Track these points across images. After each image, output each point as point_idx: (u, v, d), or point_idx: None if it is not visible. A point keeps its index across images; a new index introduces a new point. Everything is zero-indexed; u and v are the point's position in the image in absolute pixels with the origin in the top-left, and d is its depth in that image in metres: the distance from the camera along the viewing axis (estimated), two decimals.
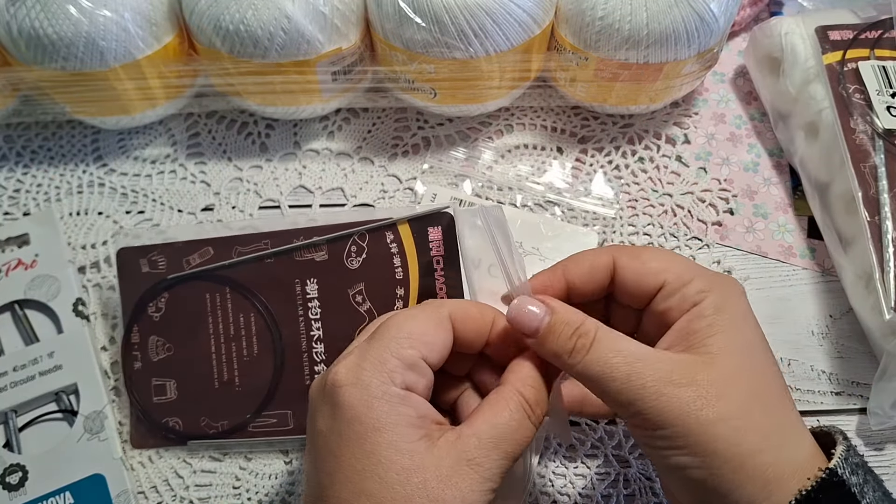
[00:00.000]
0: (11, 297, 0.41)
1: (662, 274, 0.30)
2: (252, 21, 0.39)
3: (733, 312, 0.29)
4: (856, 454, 0.27)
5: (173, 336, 0.39)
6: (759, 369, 0.28)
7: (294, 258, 0.38)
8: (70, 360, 0.39)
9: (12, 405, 0.38)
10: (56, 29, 0.39)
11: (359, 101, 0.48)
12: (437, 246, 0.38)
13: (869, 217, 0.39)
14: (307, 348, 0.38)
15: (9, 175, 0.47)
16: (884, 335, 0.38)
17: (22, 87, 0.43)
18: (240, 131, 0.49)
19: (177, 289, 0.39)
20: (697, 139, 0.48)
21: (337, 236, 0.38)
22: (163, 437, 0.38)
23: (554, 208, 0.45)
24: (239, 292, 0.39)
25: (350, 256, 0.38)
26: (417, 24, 0.39)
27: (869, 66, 0.43)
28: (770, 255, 0.44)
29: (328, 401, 0.27)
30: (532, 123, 0.49)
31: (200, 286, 0.39)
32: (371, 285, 0.38)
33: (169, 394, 0.38)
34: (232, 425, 0.38)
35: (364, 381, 0.27)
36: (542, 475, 0.37)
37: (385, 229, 0.38)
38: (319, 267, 0.38)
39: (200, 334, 0.39)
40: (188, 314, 0.39)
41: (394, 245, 0.38)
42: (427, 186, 0.46)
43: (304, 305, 0.38)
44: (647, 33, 0.40)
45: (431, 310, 0.29)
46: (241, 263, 0.39)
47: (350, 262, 0.38)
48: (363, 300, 0.38)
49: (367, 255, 0.38)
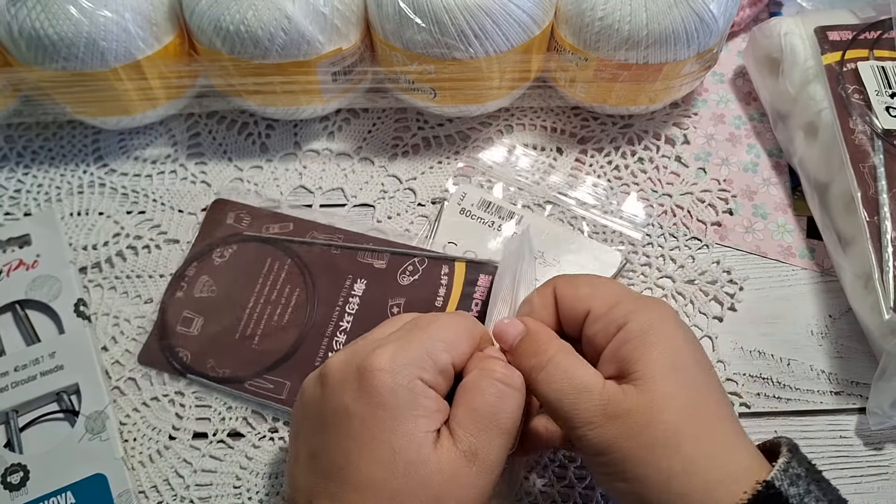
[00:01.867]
0: (13, 297, 0.41)
1: (588, 299, 0.31)
2: (252, 21, 0.39)
3: (658, 333, 0.29)
4: (799, 465, 0.27)
5: (223, 282, 0.42)
6: (689, 389, 0.28)
7: (357, 257, 0.42)
8: (71, 361, 0.39)
9: (13, 405, 0.38)
10: (57, 29, 0.39)
11: (359, 102, 0.48)
12: (482, 292, 0.41)
13: (868, 217, 0.39)
14: (331, 334, 0.40)
15: (9, 175, 0.47)
16: (883, 335, 0.38)
17: (23, 88, 0.43)
18: (240, 132, 0.49)
19: (247, 245, 0.43)
20: (697, 139, 0.48)
21: (402, 252, 0.42)
22: (168, 362, 0.40)
23: (582, 223, 0.44)
24: (297, 267, 0.42)
25: (404, 273, 0.42)
26: (417, 25, 0.39)
27: (868, 66, 0.43)
28: (769, 256, 0.44)
29: (359, 381, 0.28)
30: (532, 124, 0.49)
31: (267, 251, 0.43)
32: (410, 303, 0.41)
33: (193, 328, 0.41)
34: (233, 375, 0.39)
35: (397, 370, 0.27)
36: (542, 475, 0.38)
37: (444, 261, 0.42)
38: (375, 272, 0.42)
39: (246, 289, 0.42)
40: (245, 269, 0.42)
41: (445, 277, 0.42)
42: (458, 186, 0.46)
43: (346, 299, 0.41)
44: (647, 34, 0.40)
45: (468, 323, 0.31)
46: (311, 245, 0.43)
47: (402, 277, 0.42)
48: (398, 312, 0.41)
49: (419, 278, 0.42)
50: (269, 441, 0.39)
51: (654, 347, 0.29)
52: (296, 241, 0.43)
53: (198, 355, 0.40)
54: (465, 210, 0.44)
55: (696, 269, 0.43)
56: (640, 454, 0.27)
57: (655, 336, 0.29)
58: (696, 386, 0.28)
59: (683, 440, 0.27)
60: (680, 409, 0.27)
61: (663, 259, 0.44)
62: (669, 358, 0.29)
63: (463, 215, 0.44)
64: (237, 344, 0.40)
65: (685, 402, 0.28)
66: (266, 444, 0.39)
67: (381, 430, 0.27)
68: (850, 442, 0.39)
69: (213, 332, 0.41)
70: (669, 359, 0.28)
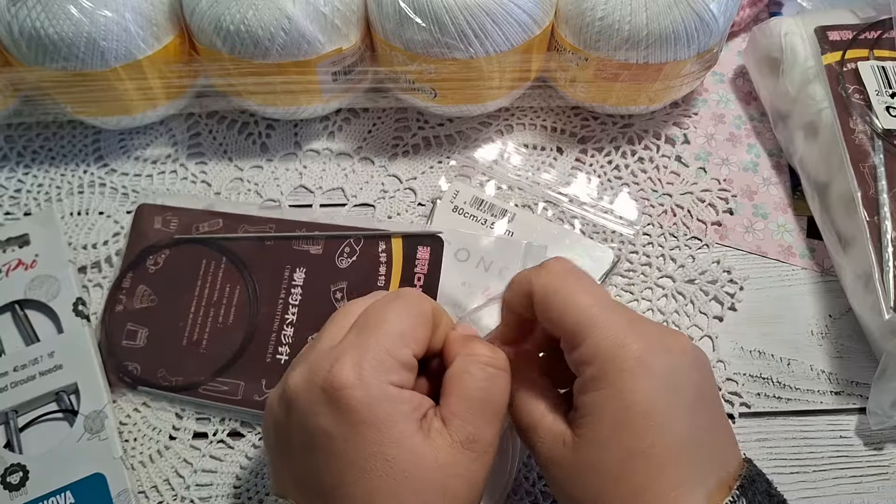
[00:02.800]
0: (12, 297, 0.41)
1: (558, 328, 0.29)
2: (253, 21, 0.39)
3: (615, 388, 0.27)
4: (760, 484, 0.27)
5: (161, 290, 0.41)
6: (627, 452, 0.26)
7: (292, 246, 0.42)
8: (70, 360, 0.39)
9: (13, 405, 0.38)
10: (57, 29, 0.39)
11: (359, 102, 0.48)
12: (423, 264, 0.41)
13: (868, 217, 0.39)
14: (278, 329, 0.40)
15: (10, 175, 0.47)
16: (883, 335, 0.38)
17: (23, 88, 0.43)
18: (240, 131, 0.49)
19: (179, 248, 0.42)
20: (697, 139, 0.48)
21: (336, 235, 0.42)
22: (119, 378, 0.40)
23: (574, 220, 0.44)
24: (233, 264, 0.42)
25: (342, 255, 0.41)
26: (418, 25, 0.39)
27: (868, 66, 0.43)
28: (770, 255, 0.44)
29: (330, 403, 0.27)
30: (532, 123, 0.49)
31: (201, 251, 0.42)
32: (353, 286, 0.41)
33: (138, 340, 0.40)
34: (186, 382, 0.39)
35: (366, 382, 0.27)
36: (542, 475, 0.37)
37: (379, 238, 0.41)
38: (312, 259, 0.41)
39: (186, 294, 0.41)
40: (181, 273, 0.42)
41: (383, 255, 0.41)
42: (451, 183, 0.46)
43: (288, 290, 0.41)
44: (647, 34, 0.40)
45: (418, 305, 0.30)
46: (243, 240, 0.42)
47: (340, 260, 0.41)
48: (342, 297, 0.40)
49: (357, 259, 0.41)
50: None
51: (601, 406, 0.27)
52: (227, 238, 0.42)
53: (148, 366, 0.39)
54: (457, 208, 0.44)
55: (697, 269, 0.43)
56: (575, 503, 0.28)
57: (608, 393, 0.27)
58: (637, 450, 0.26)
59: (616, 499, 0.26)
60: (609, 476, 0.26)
61: (663, 259, 0.44)
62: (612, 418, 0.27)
63: (456, 213, 0.44)
64: (185, 350, 0.40)
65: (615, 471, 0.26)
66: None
67: (368, 444, 0.26)
68: (850, 442, 0.39)
69: (160, 341, 0.40)
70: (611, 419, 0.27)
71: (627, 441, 0.26)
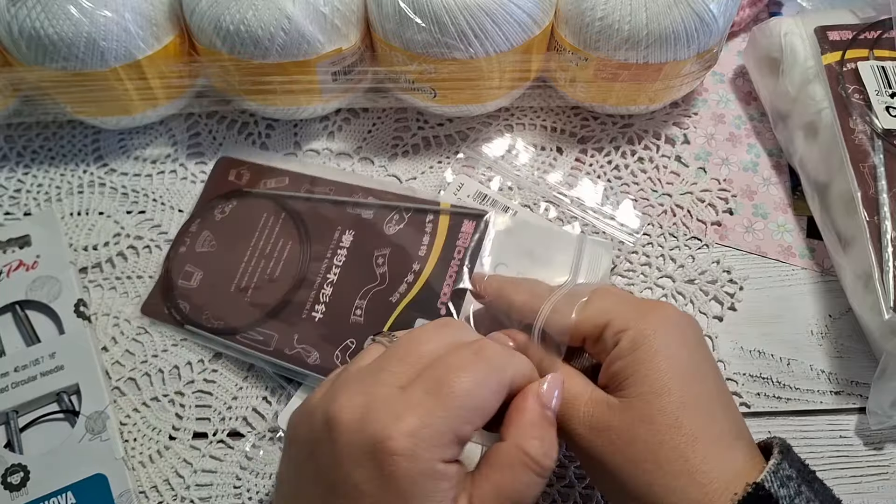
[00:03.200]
0: (12, 297, 0.41)
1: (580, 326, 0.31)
2: (252, 21, 0.39)
3: (650, 347, 0.29)
4: (791, 466, 0.27)
5: (222, 237, 0.43)
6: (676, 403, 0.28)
7: (346, 209, 0.43)
8: (72, 361, 0.39)
9: (14, 405, 0.38)
10: (57, 29, 0.39)
11: (359, 102, 0.48)
12: (466, 238, 0.41)
13: (868, 217, 0.39)
14: (318, 287, 0.41)
15: (9, 175, 0.47)
16: (883, 335, 0.38)
17: (23, 88, 0.43)
18: (240, 131, 0.49)
19: (246, 200, 0.45)
20: (697, 139, 0.48)
21: (388, 205, 0.43)
22: (168, 313, 0.41)
23: (574, 223, 0.44)
24: (292, 219, 0.43)
25: (390, 222, 0.42)
26: (417, 25, 0.39)
27: (868, 66, 0.43)
28: (769, 255, 0.44)
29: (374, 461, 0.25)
30: (532, 123, 0.49)
31: (264, 205, 0.44)
32: (394, 253, 0.41)
33: (192, 281, 0.42)
34: (226, 327, 0.40)
35: (418, 455, 0.25)
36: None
37: (429, 212, 0.42)
38: (362, 223, 0.43)
39: (242, 243, 0.43)
40: (243, 224, 0.44)
41: (430, 225, 0.42)
42: (456, 176, 0.46)
43: (335, 251, 0.42)
44: (647, 34, 0.40)
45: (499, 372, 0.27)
46: (303, 199, 0.44)
47: (388, 227, 0.42)
48: (382, 263, 0.41)
49: (404, 227, 0.42)
50: (269, 441, 0.39)
51: (642, 364, 0.28)
52: (290, 196, 0.44)
53: (196, 307, 0.41)
54: (460, 200, 0.44)
55: (696, 269, 0.43)
56: (627, 469, 0.27)
57: (646, 351, 0.29)
58: (686, 400, 0.28)
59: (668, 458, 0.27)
60: (664, 427, 0.27)
61: (663, 259, 0.44)
62: (658, 373, 0.28)
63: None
64: (232, 296, 0.41)
65: (670, 421, 0.27)
66: (266, 444, 0.39)
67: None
68: (850, 442, 0.39)
69: (211, 284, 0.42)
70: (658, 374, 0.28)
71: (677, 391, 0.28)
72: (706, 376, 0.29)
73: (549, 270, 0.39)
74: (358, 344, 0.39)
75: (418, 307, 0.39)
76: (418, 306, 0.39)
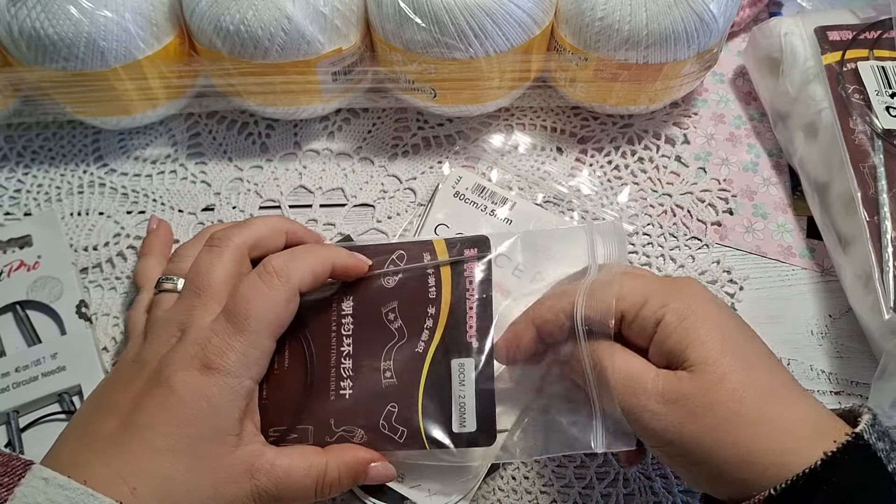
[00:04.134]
0: (13, 297, 0.41)
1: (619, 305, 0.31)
2: (252, 21, 0.39)
3: (697, 315, 0.30)
4: (882, 425, 0.28)
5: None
6: (741, 362, 0.29)
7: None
8: (73, 362, 0.39)
9: (15, 405, 0.38)
10: (57, 29, 0.39)
11: (359, 102, 0.48)
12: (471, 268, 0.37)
13: (868, 217, 0.39)
14: (335, 364, 0.36)
15: (10, 175, 0.47)
16: (883, 335, 0.38)
17: (23, 88, 0.43)
18: (240, 131, 0.49)
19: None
20: (697, 139, 0.48)
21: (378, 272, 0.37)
22: None
23: (573, 213, 0.45)
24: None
25: (387, 277, 0.37)
26: (417, 25, 0.39)
27: (868, 66, 0.43)
28: (769, 255, 0.44)
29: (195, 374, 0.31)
30: (532, 123, 0.49)
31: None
32: (404, 304, 0.37)
33: None
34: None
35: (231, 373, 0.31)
36: (542, 475, 0.38)
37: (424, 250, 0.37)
38: (358, 285, 0.37)
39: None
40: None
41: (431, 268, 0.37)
42: (454, 169, 0.46)
43: (338, 322, 0.37)
44: (647, 34, 0.40)
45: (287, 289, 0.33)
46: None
47: (387, 281, 0.37)
48: (394, 318, 0.36)
49: (403, 277, 0.37)
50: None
51: (696, 331, 0.29)
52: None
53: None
54: (459, 193, 0.44)
55: (697, 269, 0.43)
56: (709, 436, 0.28)
57: (695, 320, 0.29)
58: (746, 358, 0.29)
59: (749, 414, 0.27)
60: (738, 384, 0.28)
61: (663, 259, 0.44)
62: (714, 336, 0.29)
63: (457, 199, 0.44)
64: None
65: (742, 378, 0.28)
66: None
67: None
68: None
69: None
70: (715, 337, 0.29)
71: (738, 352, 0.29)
72: (753, 337, 0.30)
73: (567, 265, 0.38)
74: (400, 407, 0.34)
75: (449, 349, 0.35)
76: (449, 348, 0.35)
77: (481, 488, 0.37)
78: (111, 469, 0.28)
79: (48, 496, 0.26)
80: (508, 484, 0.37)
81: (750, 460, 0.27)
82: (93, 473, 0.28)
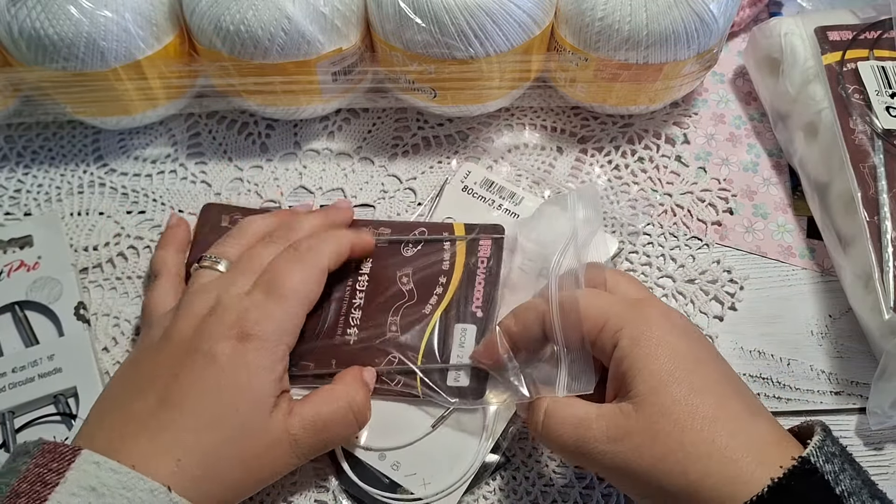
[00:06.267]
0: (12, 297, 0.41)
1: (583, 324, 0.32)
2: (252, 21, 0.39)
3: (649, 342, 0.30)
4: (834, 444, 0.27)
5: None
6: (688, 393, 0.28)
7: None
8: (70, 364, 0.39)
9: (10, 406, 0.38)
10: (57, 29, 0.39)
11: (359, 102, 0.48)
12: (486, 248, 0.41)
13: (868, 217, 0.39)
14: (345, 312, 0.40)
15: (10, 175, 0.47)
16: (883, 335, 0.38)
17: (23, 88, 0.43)
18: (240, 131, 0.49)
19: None
20: (697, 139, 0.48)
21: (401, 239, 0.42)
22: None
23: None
24: None
25: (407, 247, 0.42)
26: (417, 25, 0.39)
27: (868, 66, 0.43)
28: (769, 255, 0.44)
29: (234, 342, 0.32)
30: (532, 123, 0.49)
31: None
32: (418, 271, 0.41)
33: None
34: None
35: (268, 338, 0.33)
36: (542, 474, 0.38)
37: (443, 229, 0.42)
38: (378, 251, 0.42)
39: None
40: None
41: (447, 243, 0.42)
42: (462, 164, 0.46)
43: (355, 277, 0.41)
44: (647, 34, 0.40)
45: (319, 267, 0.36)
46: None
47: (406, 250, 0.42)
48: (407, 281, 0.41)
49: (422, 247, 0.42)
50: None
51: (646, 359, 0.29)
52: None
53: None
54: (467, 188, 0.45)
55: (697, 269, 0.43)
56: (657, 468, 0.28)
57: (646, 346, 0.29)
58: (693, 386, 0.29)
59: (694, 443, 0.27)
60: (681, 415, 0.28)
61: (663, 258, 0.44)
62: (663, 364, 0.29)
63: (465, 193, 0.45)
64: None
65: (685, 408, 0.28)
66: None
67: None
68: (850, 442, 0.39)
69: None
70: (663, 365, 0.29)
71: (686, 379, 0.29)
72: (708, 361, 0.30)
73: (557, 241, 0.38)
74: (400, 358, 0.38)
75: (455, 315, 0.39)
76: (454, 314, 0.39)
77: (482, 489, 0.37)
78: (155, 445, 0.29)
79: (100, 479, 0.27)
80: (509, 484, 0.37)
81: (699, 490, 0.27)
82: (138, 452, 0.28)
